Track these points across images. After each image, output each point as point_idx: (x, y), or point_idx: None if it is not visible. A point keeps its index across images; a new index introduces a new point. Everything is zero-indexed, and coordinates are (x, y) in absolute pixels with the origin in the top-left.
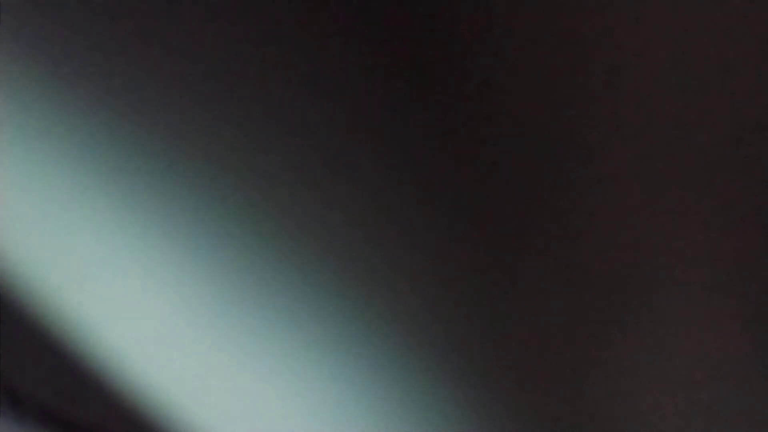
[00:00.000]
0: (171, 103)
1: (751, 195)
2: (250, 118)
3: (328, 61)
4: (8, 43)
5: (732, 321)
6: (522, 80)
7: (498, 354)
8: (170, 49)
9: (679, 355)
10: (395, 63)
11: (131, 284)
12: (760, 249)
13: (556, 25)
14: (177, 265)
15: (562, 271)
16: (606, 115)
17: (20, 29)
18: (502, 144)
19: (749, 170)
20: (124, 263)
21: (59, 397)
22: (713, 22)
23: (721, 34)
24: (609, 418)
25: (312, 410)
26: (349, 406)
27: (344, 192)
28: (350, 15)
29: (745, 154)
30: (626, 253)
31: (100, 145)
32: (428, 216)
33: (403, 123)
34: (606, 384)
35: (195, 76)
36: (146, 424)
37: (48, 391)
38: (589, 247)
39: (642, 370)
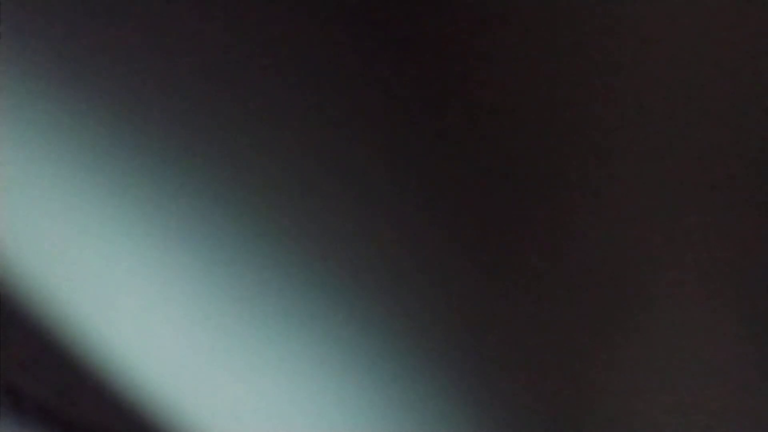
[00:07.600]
0: (172, 104)
1: (751, 195)
2: (252, 119)
3: (328, 61)
4: (8, 43)
5: (732, 321)
6: (521, 81)
7: (498, 354)
8: (171, 49)
9: (679, 355)
10: (395, 64)
11: (132, 284)
12: (760, 249)
13: (557, 25)
14: (178, 265)
15: (563, 271)
16: (606, 116)
17: (20, 29)
18: (502, 145)
19: (749, 171)
20: (125, 263)
21: (59, 397)
22: (714, 22)
23: (722, 34)
24: (609, 417)
25: (312, 410)
26: (349, 406)
27: (344, 194)
28: (350, 14)
29: (746, 154)
30: (626, 253)
31: (101, 145)
32: (428, 216)
33: (403, 124)
34: (606, 384)
35: (197, 77)
36: (146, 424)
37: (48, 391)
38: (589, 246)
39: (642, 370)
